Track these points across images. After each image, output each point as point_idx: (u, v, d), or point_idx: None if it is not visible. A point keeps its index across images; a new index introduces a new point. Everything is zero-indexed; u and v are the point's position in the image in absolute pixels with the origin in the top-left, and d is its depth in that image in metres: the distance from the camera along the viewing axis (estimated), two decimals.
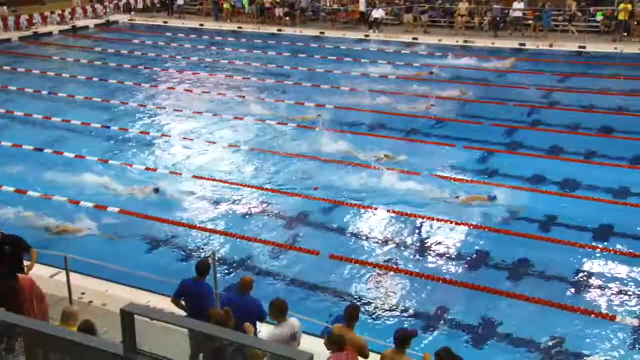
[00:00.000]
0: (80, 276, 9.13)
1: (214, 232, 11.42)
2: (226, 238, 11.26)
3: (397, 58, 23.96)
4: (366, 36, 27.91)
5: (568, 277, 9.89)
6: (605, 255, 10.47)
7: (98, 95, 20.15)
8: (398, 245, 10.98)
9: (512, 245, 10.80)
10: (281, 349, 4.53)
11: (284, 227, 11.67)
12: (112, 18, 33.54)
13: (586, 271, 10.04)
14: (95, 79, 22.24)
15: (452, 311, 9.13)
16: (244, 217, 12.03)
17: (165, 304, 7.83)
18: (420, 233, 11.37)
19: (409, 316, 9.02)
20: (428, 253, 10.73)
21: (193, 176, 13.83)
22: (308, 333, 7.14)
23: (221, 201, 12.64)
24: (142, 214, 11.98)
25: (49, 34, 30.14)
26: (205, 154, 15.30)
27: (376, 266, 10.26)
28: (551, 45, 24.80)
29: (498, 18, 27.02)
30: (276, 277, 10.05)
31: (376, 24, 28.30)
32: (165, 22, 32.41)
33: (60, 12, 31.89)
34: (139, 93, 20.62)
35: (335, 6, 31.01)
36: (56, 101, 19.84)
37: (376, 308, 9.19)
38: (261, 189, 13.14)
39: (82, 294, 8.99)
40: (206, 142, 16.01)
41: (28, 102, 19.66)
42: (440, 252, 10.73)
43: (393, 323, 8.72)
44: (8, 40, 28.65)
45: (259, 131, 16.69)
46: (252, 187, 13.22)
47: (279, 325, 6.69)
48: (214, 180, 13.60)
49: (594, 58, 23.48)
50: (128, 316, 3.95)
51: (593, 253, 10.53)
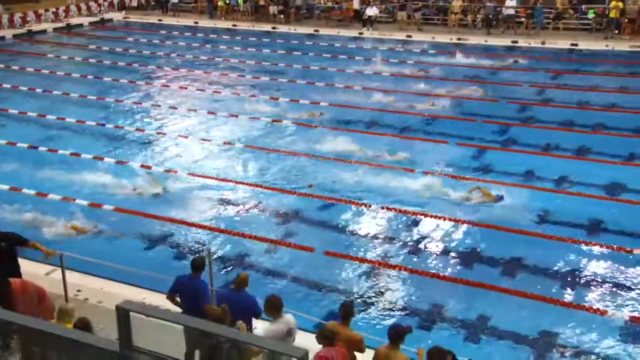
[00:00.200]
0: (76, 274, 9.09)
1: (210, 229, 11.39)
2: (222, 235, 11.23)
3: (392, 55, 23.96)
4: (360, 34, 27.89)
5: (561, 273, 9.93)
6: (597, 250, 10.51)
7: (93, 93, 20.05)
8: (392, 242, 10.98)
9: (506, 241, 10.82)
10: (277, 345, 4.53)
11: (279, 224, 11.66)
12: (107, 16, 33.38)
13: (578, 267, 10.08)
14: (90, 77, 22.13)
15: (447, 307, 9.14)
16: (239, 214, 12.01)
17: (161, 301, 7.81)
18: (414, 230, 11.38)
19: (404, 312, 9.03)
20: (422, 250, 10.75)
21: (188, 173, 13.79)
22: (303, 329, 7.14)
23: (216, 198, 12.61)
24: (138, 212, 11.93)
25: (43, 32, 29.96)
26: (200, 152, 15.25)
27: (371, 263, 10.26)
28: (543, 42, 24.85)
29: (491, 16, 27.07)
30: (271, 274, 10.04)
31: (370, 22, 28.29)
32: (159, 20, 32.28)
33: (54, 10, 31.70)
34: (134, 91, 20.53)
35: (329, 4, 30.97)
36: (51, 99, 19.73)
37: (371, 304, 9.19)
38: (256, 186, 13.12)
39: (78, 292, 8.96)
40: (201, 140, 15.96)
41: (22, 100, 19.55)
42: (434, 249, 10.75)
43: (388, 319, 8.73)
44: (2, 38, 28.44)
45: (254, 128, 16.66)
46: (247, 184, 13.20)
47: (275, 321, 6.68)
48: (209, 177, 13.57)
49: (586, 55, 23.56)
50: (124, 313, 3.93)
51: (585, 249, 10.57)
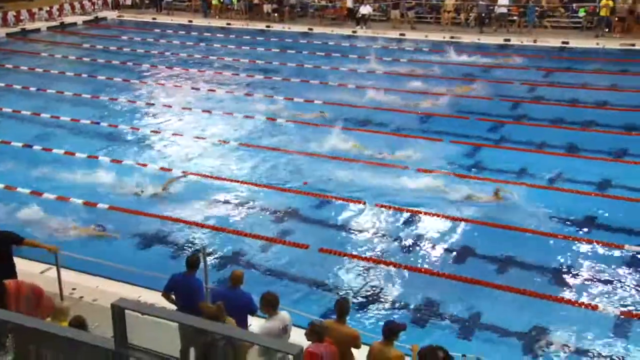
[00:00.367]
0: (71, 272, 9.07)
1: (204, 227, 11.37)
2: (216, 233, 11.22)
3: (385, 54, 23.97)
4: (354, 32, 27.88)
5: (553, 269, 9.97)
6: (589, 246, 10.56)
7: (87, 91, 19.96)
8: (387, 239, 11.00)
9: (499, 238, 10.86)
10: (272, 342, 4.53)
11: (274, 222, 11.65)
12: (101, 15, 33.22)
13: (570, 262, 10.12)
14: (84, 76, 22.03)
15: (441, 304, 9.16)
16: (234, 212, 11.99)
17: (155, 299, 7.79)
18: (408, 227, 11.39)
19: (398, 309, 9.04)
20: (416, 247, 10.77)
21: (183, 172, 13.75)
22: (298, 326, 7.13)
23: (211, 196, 12.58)
24: (133, 210, 11.90)
25: (37, 31, 29.78)
26: (195, 150, 15.21)
27: (365, 260, 10.27)
28: (535, 40, 24.92)
29: (483, 14, 27.12)
30: (266, 271, 10.04)
31: (364, 21, 28.27)
32: (154, 19, 32.15)
33: (48, 9, 31.52)
34: (128, 89, 20.45)
35: (323, 3, 30.94)
36: (45, 98, 19.62)
37: (365, 301, 9.20)
38: (251, 184, 13.10)
39: (73, 290, 8.93)
40: (196, 138, 15.92)
41: (16, 99, 19.45)
42: (428, 246, 10.77)
43: (382, 316, 8.74)
44: None
45: (249, 126, 16.62)
46: (242, 182, 13.18)
47: (270, 318, 6.68)
48: (204, 175, 13.54)
49: (577, 53, 23.63)
50: (119, 311, 3.92)
51: (577, 245, 10.61)
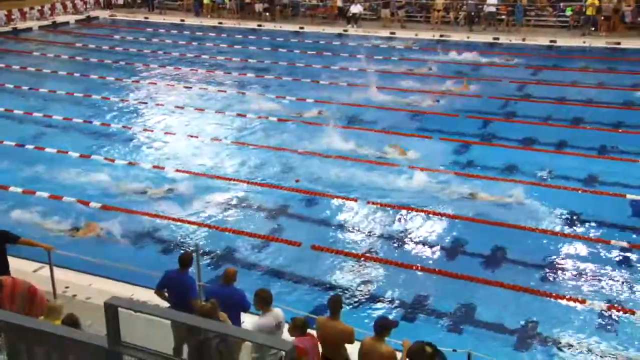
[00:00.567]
0: (64, 270, 9.01)
1: (197, 225, 11.33)
2: (209, 230, 11.18)
3: (376, 52, 23.97)
4: (345, 31, 27.86)
5: (541, 264, 10.02)
6: (576, 242, 10.62)
7: (79, 90, 19.82)
8: (378, 235, 11.01)
9: (488, 234, 10.89)
10: (265, 339, 4.51)
11: (267, 219, 11.63)
12: (93, 14, 32.99)
13: (558, 258, 10.18)
14: (76, 75, 21.87)
15: (431, 299, 9.19)
16: (227, 210, 11.96)
17: (149, 297, 7.76)
18: (399, 224, 11.41)
19: (390, 304, 9.06)
20: (407, 243, 10.78)
21: (176, 170, 13.70)
22: None
23: (204, 194, 12.52)
24: (125, 209, 11.84)
25: (29, 30, 29.52)
26: (187, 148, 15.15)
27: (357, 256, 10.28)
28: (524, 39, 25.01)
29: (473, 13, 27.18)
30: (259, 268, 10.02)
31: (354, 19, 28.26)
32: (146, 18, 31.96)
33: (39, 8, 31.25)
34: (121, 88, 20.33)
35: (314, 2, 30.89)
36: (37, 97, 19.47)
37: (357, 297, 9.21)
38: (243, 182, 13.06)
39: (66, 288, 8.87)
40: (188, 136, 15.86)
41: (9, 98, 19.27)
42: (418, 242, 10.79)
43: (374, 312, 8.75)
44: None
45: (241, 125, 16.58)
46: (234, 180, 13.14)
47: (264, 315, 6.67)
48: (197, 174, 13.48)
49: (564, 52, 23.74)
50: (112, 309, 3.88)
51: (565, 240, 10.66)
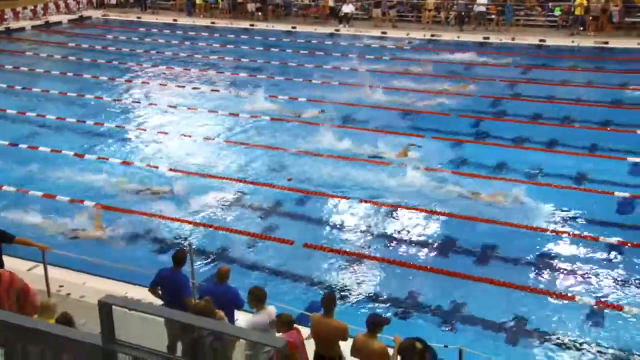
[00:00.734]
0: (58, 269, 8.97)
1: (191, 224, 11.31)
2: (203, 229, 11.16)
3: (367, 51, 24.00)
4: (337, 31, 27.87)
5: (531, 261, 10.08)
6: (565, 238, 10.68)
7: (73, 90, 19.71)
8: (370, 233, 11.03)
9: (479, 231, 10.93)
10: (259, 336, 4.52)
11: (259, 218, 11.63)
12: (86, 14, 32.80)
13: (548, 255, 10.23)
14: (69, 74, 21.74)
15: (424, 296, 9.23)
16: (220, 209, 11.94)
17: (143, 295, 7.74)
18: (391, 222, 11.43)
19: (382, 302, 9.08)
20: (399, 241, 10.81)
21: (169, 169, 13.66)
22: None
23: (197, 193, 12.49)
24: (119, 208, 11.79)
25: (22, 30, 29.31)
26: (180, 147, 15.11)
27: (349, 254, 10.29)
28: (513, 38, 25.11)
29: (463, 13, 27.25)
30: (252, 267, 10.02)
31: (346, 19, 28.27)
32: (138, 18, 31.81)
33: (32, 8, 31.03)
34: (114, 88, 20.23)
35: (306, 1, 30.85)
36: (30, 96, 19.34)
37: (349, 294, 9.22)
38: (236, 181, 13.04)
39: (60, 287, 8.84)
40: (181, 136, 15.82)
41: (2, 98, 19.14)
42: (410, 240, 10.82)
43: (366, 309, 8.77)
44: None
45: (234, 124, 16.55)
46: (228, 179, 13.11)
47: (258, 312, 6.68)
48: (190, 173, 13.45)
49: (553, 51, 23.86)
50: (106, 307, 3.87)
51: (555, 237, 10.73)
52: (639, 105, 17.18)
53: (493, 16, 26.93)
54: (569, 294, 9.12)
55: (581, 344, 8.15)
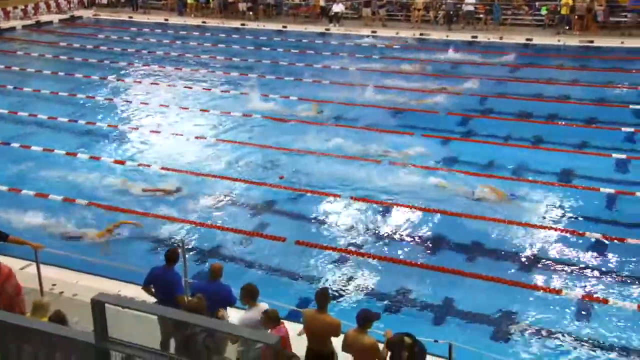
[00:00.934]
0: (50, 268, 8.91)
1: (183, 222, 11.26)
2: (195, 227, 11.12)
3: (357, 50, 24.00)
4: (327, 30, 27.85)
5: (519, 256, 10.13)
6: (552, 234, 10.75)
7: (64, 89, 19.56)
8: (361, 230, 11.04)
9: (468, 227, 10.98)
10: (251, 333, 4.52)
11: (251, 216, 11.61)
12: (77, 13, 32.55)
13: (535, 250, 10.29)
14: (61, 74, 21.56)
15: (414, 291, 9.25)
16: (212, 206, 11.90)
17: (135, 293, 7.71)
18: (382, 219, 11.45)
19: (373, 297, 9.10)
20: (390, 237, 10.83)
21: (161, 168, 13.60)
22: None
23: (189, 191, 12.44)
24: (111, 206, 11.73)
25: (12, 29, 29.04)
26: (172, 146, 15.04)
27: (340, 251, 10.31)
28: (501, 37, 25.21)
29: (451, 12, 27.32)
30: (245, 264, 10.01)
31: (336, 18, 28.26)
32: (130, 17, 31.61)
33: (23, 8, 30.75)
34: (106, 87, 20.10)
35: (296, 1, 30.80)
36: (22, 96, 19.18)
37: (341, 290, 9.23)
38: (228, 179, 13.01)
39: (53, 286, 8.78)
40: (173, 134, 15.75)
41: None
42: (401, 236, 10.84)
43: (357, 304, 8.78)
44: None
45: (225, 122, 16.50)
46: (220, 177, 13.08)
47: (250, 309, 6.67)
48: (182, 171, 13.40)
49: (540, 50, 23.97)
50: (99, 305, 3.86)
51: (542, 233, 10.79)
52: (623, 103, 17.32)
53: (481, 15, 27.04)
54: (557, 288, 9.18)
55: (568, 336, 8.21)
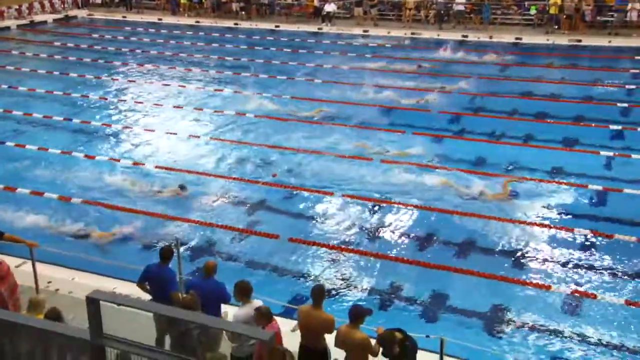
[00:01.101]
0: (46, 265, 8.88)
1: (178, 220, 11.25)
2: (189, 225, 11.10)
3: (349, 50, 24.00)
4: (319, 29, 27.84)
5: (510, 252, 10.19)
6: (541, 230, 10.82)
7: (59, 88, 19.46)
8: (353, 227, 11.06)
9: (459, 224, 11.02)
10: (245, 329, 4.52)
11: (245, 213, 11.60)
12: (71, 13, 32.36)
13: (526, 246, 10.35)
14: (55, 73, 21.45)
15: (405, 287, 9.28)
16: (206, 204, 11.88)
17: (131, 290, 7.70)
18: (374, 216, 11.47)
19: (365, 293, 9.13)
20: (382, 234, 10.86)
21: (156, 166, 13.57)
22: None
23: (183, 189, 12.41)
24: (106, 204, 11.70)
25: (7, 29, 28.82)
26: (167, 145, 15.00)
27: (333, 248, 10.32)
28: (491, 37, 25.29)
29: (442, 11, 27.38)
30: (239, 261, 10.01)
31: (329, 18, 28.25)
32: (124, 17, 31.46)
33: (17, 7, 30.53)
34: (100, 86, 20.01)
35: (289, 1, 30.76)
36: (17, 95, 19.07)
37: (333, 287, 9.25)
38: (222, 177, 13.00)
39: (49, 283, 8.75)
40: (167, 133, 15.70)
41: None
42: (393, 233, 10.87)
43: (350, 300, 8.81)
44: None
45: (219, 121, 16.47)
46: (214, 176, 13.06)
47: (244, 306, 6.67)
48: (176, 169, 13.37)
49: (529, 49, 24.07)
50: (94, 303, 3.85)
51: (531, 229, 10.85)
52: (611, 101, 17.44)
53: (471, 15, 27.10)
54: (546, 283, 9.25)
55: (557, 331, 8.27)
